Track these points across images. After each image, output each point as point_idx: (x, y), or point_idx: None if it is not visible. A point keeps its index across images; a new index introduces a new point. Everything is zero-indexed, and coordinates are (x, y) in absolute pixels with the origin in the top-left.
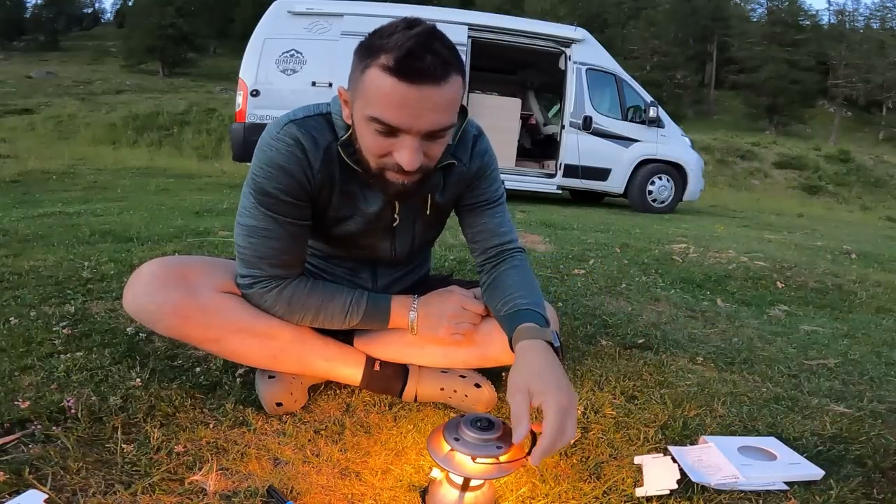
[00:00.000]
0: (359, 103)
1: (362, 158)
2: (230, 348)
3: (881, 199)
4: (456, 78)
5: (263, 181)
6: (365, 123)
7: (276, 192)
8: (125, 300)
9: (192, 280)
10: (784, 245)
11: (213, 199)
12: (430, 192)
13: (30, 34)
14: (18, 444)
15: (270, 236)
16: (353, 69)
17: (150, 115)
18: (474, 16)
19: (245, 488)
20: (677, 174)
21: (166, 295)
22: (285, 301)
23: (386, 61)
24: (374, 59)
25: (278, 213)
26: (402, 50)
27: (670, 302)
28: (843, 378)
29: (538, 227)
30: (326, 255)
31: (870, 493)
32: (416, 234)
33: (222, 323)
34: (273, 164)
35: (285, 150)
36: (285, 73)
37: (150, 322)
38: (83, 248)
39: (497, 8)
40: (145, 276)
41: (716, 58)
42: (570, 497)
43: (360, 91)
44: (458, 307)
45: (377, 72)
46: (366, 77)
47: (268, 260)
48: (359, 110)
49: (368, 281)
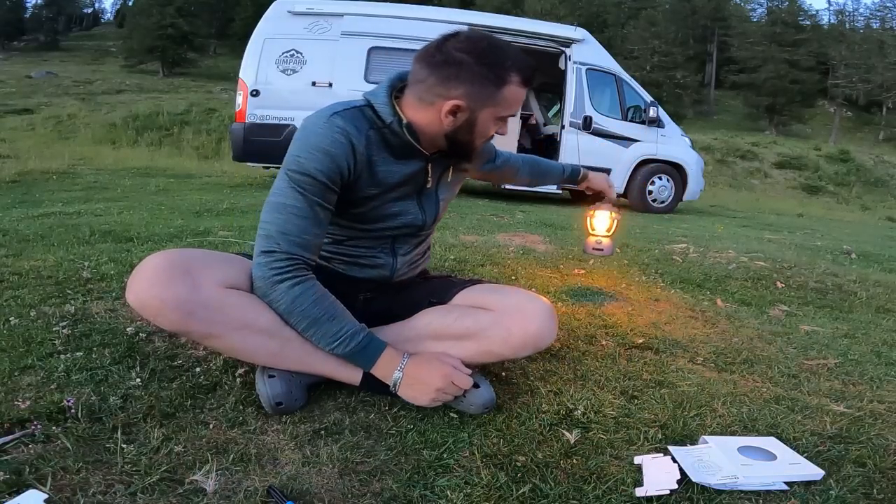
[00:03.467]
0: (491, 111)
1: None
2: (232, 345)
3: (881, 199)
4: None
5: (305, 162)
6: (493, 121)
7: (315, 172)
8: (128, 293)
9: (195, 275)
10: (784, 245)
11: (213, 199)
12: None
13: (30, 34)
14: (18, 444)
15: (297, 213)
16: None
17: (150, 115)
18: (474, 16)
19: (245, 488)
20: (677, 174)
21: (169, 290)
22: (291, 299)
23: (519, 79)
24: (508, 77)
25: (310, 193)
26: (528, 69)
27: (670, 302)
28: (843, 378)
29: (538, 227)
30: (348, 238)
31: (870, 493)
32: (438, 198)
33: (225, 319)
34: (319, 149)
35: (332, 137)
36: (285, 73)
37: (152, 316)
38: (83, 248)
39: (497, 8)
40: (149, 270)
41: (716, 58)
42: (571, 497)
43: (497, 102)
44: (448, 381)
45: (515, 88)
46: (505, 93)
47: (288, 236)
48: (489, 115)
49: (389, 258)
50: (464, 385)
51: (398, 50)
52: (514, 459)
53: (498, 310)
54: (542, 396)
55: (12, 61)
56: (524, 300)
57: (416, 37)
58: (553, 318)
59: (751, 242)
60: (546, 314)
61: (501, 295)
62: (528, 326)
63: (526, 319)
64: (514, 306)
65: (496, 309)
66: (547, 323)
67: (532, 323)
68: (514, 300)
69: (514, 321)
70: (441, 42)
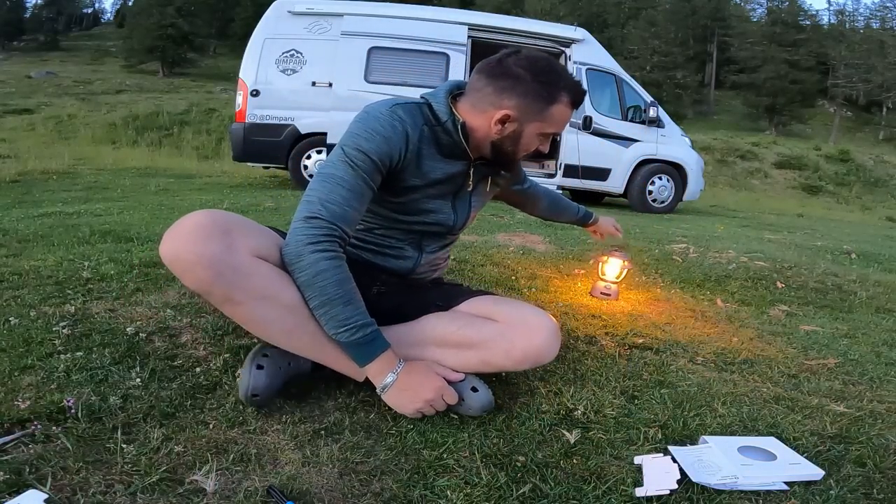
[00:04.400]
0: (538, 125)
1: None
2: (249, 314)
3: (881, 199)
4: None
5: (364, 141)
6: (537, 136)
7: (370, 151)
8: (163, 246)
9: (233, 237)
10: (784, 245)
11: (213, 199)
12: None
13: (30, 34)
14: (18, 444)
15: (343, 185)
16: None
17: (150, 115)
18: (474, 16)
19: (245, 488)
20: (677, 174)
21: (207, 247)
22: (315, 271)
23: (569, 99)
24: (559, 96)
25: (361, 169)
26: (579, 92)
27: (670, 302)
28: (843, 378)
29: (538, 227)
30: (381, 226)
31: (870, 493)
32: (471, 204)
33: (249, 286)
34: (377, 131)
35: (391, 123)
36: (285, 73)
37: (181, 272)
38: (83, 248)
39: (497, 8)
40: (190, 225)
41: (716, 58)
42: (571, 497)
43: (545, 117)
44: (438, 395)
45: (564, 108)
46: (554, 111)
47: (331, 205)
48: (535, 129)
49: (415, 252)
50: (451, 402)
51: (398, 50)
52: (514, 459)
53: (503, 321)
54: (542, 396)
55: (12, 61)
56: (530, 314)
57: (416, 37)
58: (557, 335)
59: (751, 242)
60: (550, 330)
61: (508, 307)
62: (531, 340)
63: (530, 333)
64: (519, 319)
65: (501, 320)
66: (550, 339)
67: (536, 338)
68: (519, 313)
69: (517, 334)
70: (503, 57)
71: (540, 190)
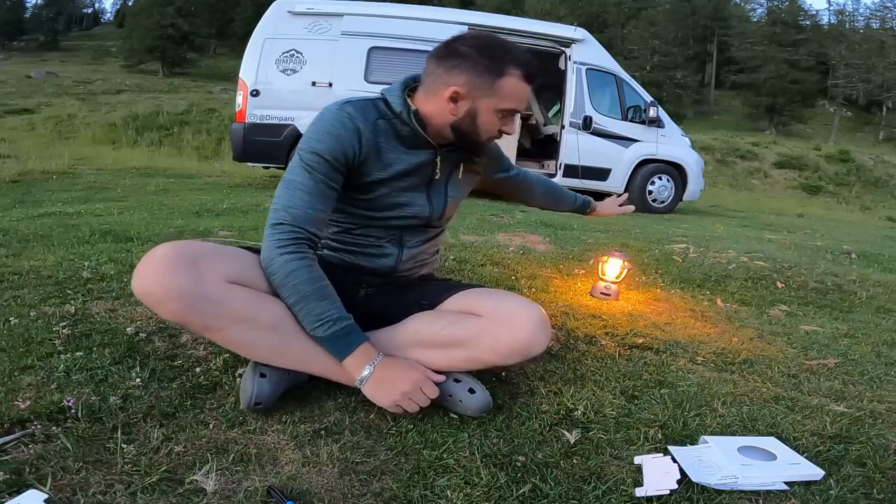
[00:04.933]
0: (489, 101)
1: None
2: (231, 339)
3: (881, 199)
4: None
5: (315, 143)
6: (493, 113)
7: (322, 151)
8: (133, 281)
9: (201, 267)
10: (784, 245)
11: (213, 199)
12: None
13: (30, 34)
14: (18, 444)
15: (303, 189)
16: (480, 76)
17: (150, 115)
18: (474, 16)
19: (245, 488)
20: (677, 174)
21: (174, 279)
22: (287, 272)
23: (521, 73)
24: (507, 69)
25: (317, 171)
26: (529, 66)
27: (670, 302)
28: (843, 378)
29: (538, 226)
30: (357, 226)
31: (870, 493)
32: (447, 194)
33: (226, 313)
34: (327, 131)
35: (340, 121)
36: (285, 73)
37: (153, 305)
38: (83, 248)
39: (497, 8)
40: (156, 259)
41: (716, 58)
42: (571, 497)
43: (495, 92)
44: (416, 388)
45: (514, 80)
46: (503, 84)
47: (293, 209)
48: (488, 105)
49: (395, 249)
50: (430, 395)
51: (398, 50)
52: (514, 459)
53: (487, 316)
54: (542, 396)
55: (12, 61)
56: (515, 307)
57: (416, 37)
58: (544, 326)
59: (751, 242)
60: (536, 322)
61: (493, 300)
62: (516, 334)
63: (514, 327)
64: (503, 313)
65: (485, 315)
66: (537, 331)
67: (521, 331)
68: (504, 306)
69: (502, 329)
70: (450, 40)
71: (532, 177)
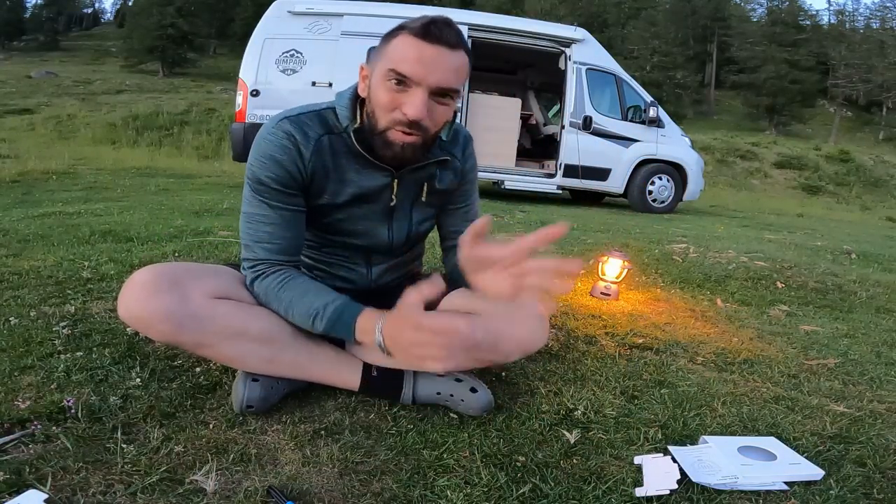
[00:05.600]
0: (379, 66)
1: (374, 124)
2: (225, 353)
3: (881, 199)
4: (465, 56)
5: (258, 170)
6: (382, 81)
7: (268, 180)
8: (119, 309)
9: (184, 286)
10: (784, 245)
11: (213, 199)
12: (427, 181)
13: (30, 34)
14: (18, 444)
15: (265, 221)
16: (378, 49)
17: (150, 115)
18: (474, 16)
19: (245, 488)
20: (677, 174)
21: (157, 302)
22: (263, 289)
23: (411, 29)
24: (400, 30)
25: (271, 200)
26: (426, 20)
27: (670, 302)
28: (843, 378)
29: (538, 227)
30: (322, 244)
31: (870, 493)
32: (413, 221)
33: (216, 329)
34: (266, 155)
35: (278, 142)
36: (285, 73)
37: (142, 329)
38: (83, 248)
39: (497, 8)
40: (137, 284)
41: (716, 58)
42: (571, 497)
43: (383, 55)
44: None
45: (403, 37)
46: (391, 44)
47: (262, 244)
48: (378, 71)
49: (364, 269)
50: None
51: None
52: (514, 459)
53: (485, 314)
54: (542, 396)
55: (12, 61)
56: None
57: None
58: (543, 321)
59: (751, 242)
60: (535, 319)
61: None
62: (516, 332)
63: (514, 325)
64: (502, 311)
65: (484, 313)
66: (536, 328)
67: (521, 328)
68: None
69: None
70: None
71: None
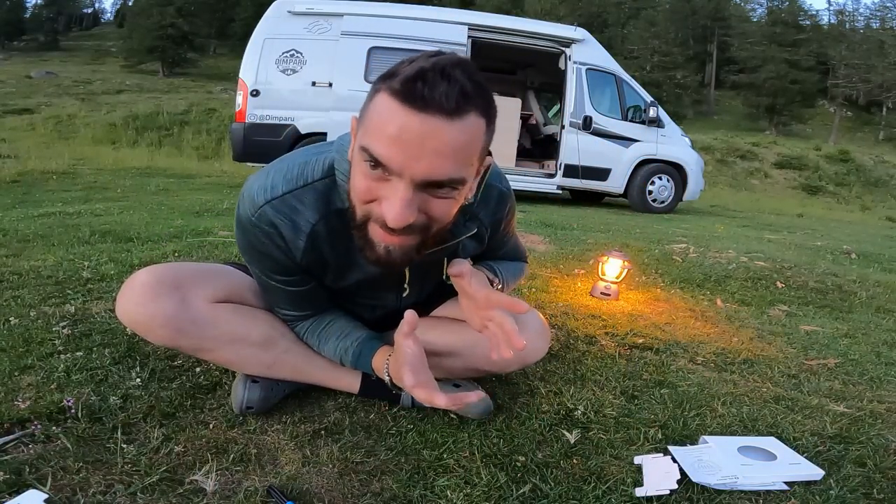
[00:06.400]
0: (359, 132)
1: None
2: (225, 358)
3: (881, 199)
4: (475, 118)
5: (252, 262)
6: (359, 159)
7: (265, 271)
8: (117, 309)
9: (184, 291)
10: (784, 245)
11: (213, 199)
12: (448, 257)
13: (30, 34)
14: (18, 444)
15: (280, 296)
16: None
17: (150, 115)
18: (474, 16)
19: (245, 488)
20: (677, 174)
21: (157, 306)
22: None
23: (391, 85)
24: (381, 83)
25: (278, 282)
26: (414, 70)
27: (670, 302)
28: (843, 378)
29: (538, 227)
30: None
31: (870, 493)
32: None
33: (216, 334)
34: (253, 251)
35: (263, 238)
36: (285, 73)
37: (142, 332)
38: (83, 248)
39: (497, 8)
40: (137, 287)
41: (716, 58)
42: (571, 497)
43: (364, 118)
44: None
45: (384, 95)
46: (372, 102)
47: (284, 310)
48: (357, 140)
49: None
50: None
51: (398, 50)
52: (514, 459)
53: None
54: (542, 396)
55: (12, 61)
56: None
57: (416, 37)
58: (543, 334)
59: (751, 242)
60: (533, 331)
61: None
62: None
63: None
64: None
65: None
66: (534, 339)
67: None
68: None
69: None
70: None
71: None
